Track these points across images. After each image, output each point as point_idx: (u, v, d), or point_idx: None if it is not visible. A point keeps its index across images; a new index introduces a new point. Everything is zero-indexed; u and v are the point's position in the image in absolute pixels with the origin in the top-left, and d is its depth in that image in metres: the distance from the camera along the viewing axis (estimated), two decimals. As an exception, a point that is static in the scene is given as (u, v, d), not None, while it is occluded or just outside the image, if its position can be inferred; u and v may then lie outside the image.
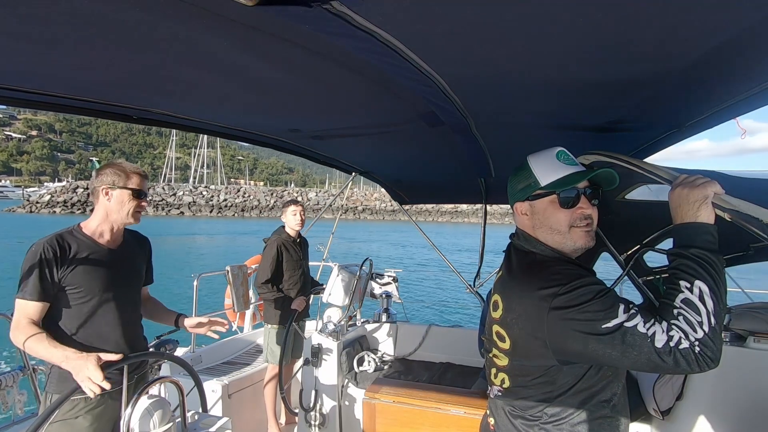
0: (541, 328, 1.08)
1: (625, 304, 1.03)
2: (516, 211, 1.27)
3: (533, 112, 1.69)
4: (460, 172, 3.06)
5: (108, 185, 1.89)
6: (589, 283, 1.07)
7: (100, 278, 1.87)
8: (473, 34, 1.00)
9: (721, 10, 0.87)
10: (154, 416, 1.63)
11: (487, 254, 4.09)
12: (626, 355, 0.98)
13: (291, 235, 3.77)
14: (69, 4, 0.89)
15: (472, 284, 4.01)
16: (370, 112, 1.85)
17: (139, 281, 2.09)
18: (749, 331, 2.18)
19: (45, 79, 1.40)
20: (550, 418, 1.16)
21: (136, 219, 1.96)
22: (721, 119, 1.54)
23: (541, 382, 1.15)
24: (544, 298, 1.08)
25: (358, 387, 3.07)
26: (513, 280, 1.22)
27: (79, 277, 1.82)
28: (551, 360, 1.11)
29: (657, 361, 0.96)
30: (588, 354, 1.04)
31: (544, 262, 1.18)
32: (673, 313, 0.98)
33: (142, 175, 1.96)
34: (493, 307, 1.25)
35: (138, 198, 1.93)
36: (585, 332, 1.02)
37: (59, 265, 1.78)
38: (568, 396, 1.14)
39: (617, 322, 0.99)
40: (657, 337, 0.96)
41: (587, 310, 1.03)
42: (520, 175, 1.25)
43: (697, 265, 1.00)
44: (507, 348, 1.20)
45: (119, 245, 1.99)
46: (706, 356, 0.94)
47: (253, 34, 1.04)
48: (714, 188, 1.03)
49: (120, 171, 1.92)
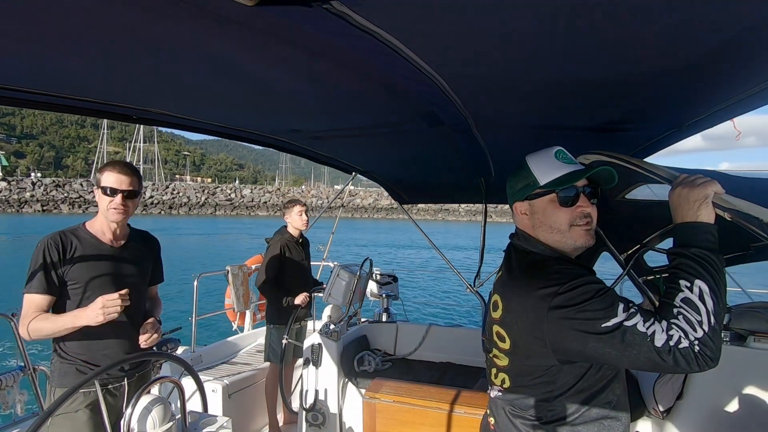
0: (540, 327, 1.08)
1: (624, 303, 1.03)
2: (515, 211, 1.27)
3: (533, 112, 1.69)
4: (460, 172, 3.06)
5: (95, 186, 1.93)
6: (588, 282, 1.07)
7: (101, 275, 1.88)
8: (473, 33, 1.00)
9: (721, 10, 0.88)
10: (154, 416, 1.63)
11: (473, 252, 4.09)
12: (626, 354, 0.98)
13: (294, 235, 3.77)
14: (68, 4, 0.89)
15: (472, 284, 4.01)
16: (370, 112, 1.85)
17: (143, 280, 2.08)
18: (749, 331, 2.18)
19: (45, 79, 1.40)
20: (550, 418, 1.16)
21: (113, 217, 1.90)
22: (720, 119, 1.54)
23: (541, 382, 1.15)
24: (543, 298, 1.08)
25: (358, 387, 3.07)
26: (513, 280, 1.22)
27: (80, 274, 1.85)
28: (551, 360, 1.11)
29: (657, 360, 0.96)
30: (588, 353, 1.04)
31: (544, 261, 1.18)
32: (673, 312, 0.98)
33: (117, 170, 1.90)
34: (492, 307, 1.25)
35: (109, 195, 1.88)
36: (584, 331, 1.02)
37: (62, 261, 1.82)
38: (569, 396, 1.14)
39: (616, 321, 0.99)
40: (656, 336, 0.96)
41: (587, 309, 1.02)
42: (518, 175, 1.25)
43: (698, 264, 1.00)
44: (507, 348, 1.20)
45: (123, 244, 2.00)
46: (705, 355, 0.93)
47: (253, 34, 1.04)
48: (714, 188, 1.03)
49: (101, 170, 1.93)
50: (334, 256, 5.08)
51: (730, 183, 1.04)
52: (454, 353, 3.60)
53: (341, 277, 3.54)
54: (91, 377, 1.76)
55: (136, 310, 2.03)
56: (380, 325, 3.83)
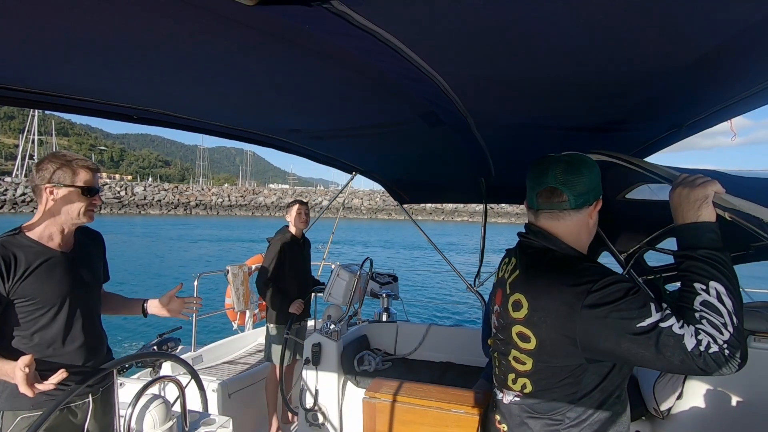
0: (571, 325, 1.06)
1: (656, 303, 1.01)
2: (592, 207, 1.22)
3: (533, 112, 1.69)
4: (460, 171, 3.06)
5: (53, 184, 1.67)
6: (618, 280, 1.06)
7: (56, 286, 1.67)
8: (473, 33, 1.00)
9: (721, 10, 0.87)
10: (154, 415, 1.63)
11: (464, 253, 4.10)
12: (660, 355, 0.97)
13: (295, 235, 3.78)
14: (68, 4, 0.89)
15: (472, 283, 4.02)
16: (370, 112, 1.85)
17: (98, 283, 1.91)
18: (749, 331, 2.18)
19: (45, 79, 1.40)
20: (572, 421, 1.14)
21: (89, 218, 1.77)
22: (720, 119, 1.54)
23: (567, 383, 1.13)
24: (576, 296, 1.05)
25: (358, 386, 3.07)
26: (538, 278, 1.18)
27: (31, 288, 1.61)
28: (579, 359, 1.09)
29: (689, 363, 0.95)
30: (619, 353, 1.02)
31: (567, 258, 1.16)
32: (696, 317, 0.97)
33: (91, 168, 1.75)
34: (513, 308, 1.21)
35: (89, 195, 1.73)
36: (619, 331, 1.00)
37: (7, 278, 1.56)
38: (592, 396, 1.13)
39: (652, 322, 0.98)
40: (686, 339, 0.95)
41: (621, 308, 1.01)
42: (596, 173, 1.21)
43: (708, 265, 0.99)
44: (531, 348, 1.16)
45: (72, 247, 1.79)
46: (735, 357, 0.93)
47: (253, 34, 1.04)
48: (714, 187, 1.03)
49: (64, 166, 1.68)
50: (333, 256, 5.08)
51: (730, 183, 1.04)
52: (455, 353, 3.60)
53: (341, 277, 3.54)
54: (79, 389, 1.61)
55: (94, 318, 1.86)
56: (380, 324, 3.83)
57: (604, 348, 1.04)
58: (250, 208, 71.63)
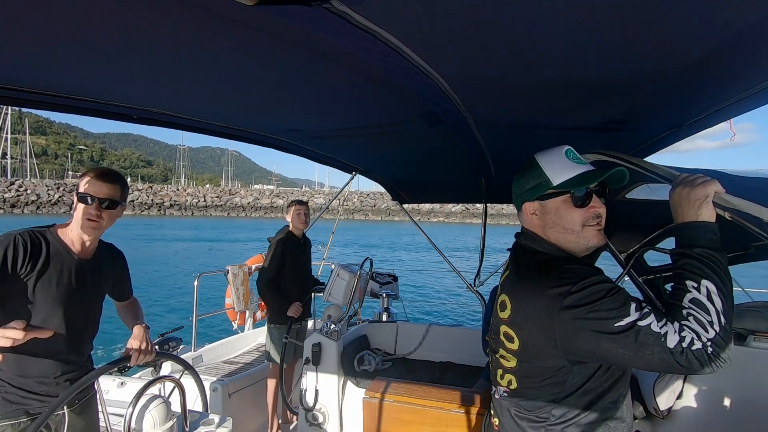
0: (552, 328, 1.07)
1: (636, 303, 1.01)
2: (524, 211, 1.25)
3: (533, 111, 1.69)
4: (460, 171, 3.06)
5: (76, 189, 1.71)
6: (599, 281, 1.06)
7: (57, 288, 1.67)
8: (473, 33, 1.00)
9: (721, 10, 0.88)
10: (154, 415, 1.63)
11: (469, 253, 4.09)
12: (639, 354, 0.97)
13: (296, 235, 3.78)
14: (68, 4, 0.89)
15: (472, 283, 4.02)
16: (370, 112, 1.85)
17: (99, 298, 1.87)
18: (749, 330, 2.18)
19: (45, 79, 1.41)
20: (557, 419, 1.15)
21: (86, 231, 1.68)
22: (719, 119, 1.54)
23: (550, 383, 1.14)
24: (555, 297, 1.06)
25: (358, 386, 3.07)
26: (522, 280, 1.20)
27: (38, 282, 1.62)
28: (562, 361, 1.10)
29: (670, 361, 0.95)
30: (600, 353, 1.02)
31: (552, 261, 1.16)
32: (683, 314, 0.97)
33: (97, 175, 1.69)
34: (500, 308, 1.23)
35: (84, 203, 1.66)
36: (597, 331, 1.01)
37: (23, 264, 1.58)
38: (576, 397, 1.13)
39: (630, 321, 0.98)
40: (669, 337, 0.95)
41: (599, 308, 1.01)
42: (528, 175, 1.23)
43: (703, 264, 0.99)
44: (515, 348, 1.18)
45: (90, 258, 1.78)
46: (719, 356, 0.93)
47: (252, 34, 1.04)
48: (714, 187, 1.03)
49: (83, 174, 1.70)
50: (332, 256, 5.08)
51: (730, 182, 1.04)
52: (454, 353, 3.60)
53: (341, 277, 3.54)
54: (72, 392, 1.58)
55: (84, 330, 1.81)
56: (380, 324, 3.83)
57: (584, 349, 1.04)
58: (225, 208, 70.77)
